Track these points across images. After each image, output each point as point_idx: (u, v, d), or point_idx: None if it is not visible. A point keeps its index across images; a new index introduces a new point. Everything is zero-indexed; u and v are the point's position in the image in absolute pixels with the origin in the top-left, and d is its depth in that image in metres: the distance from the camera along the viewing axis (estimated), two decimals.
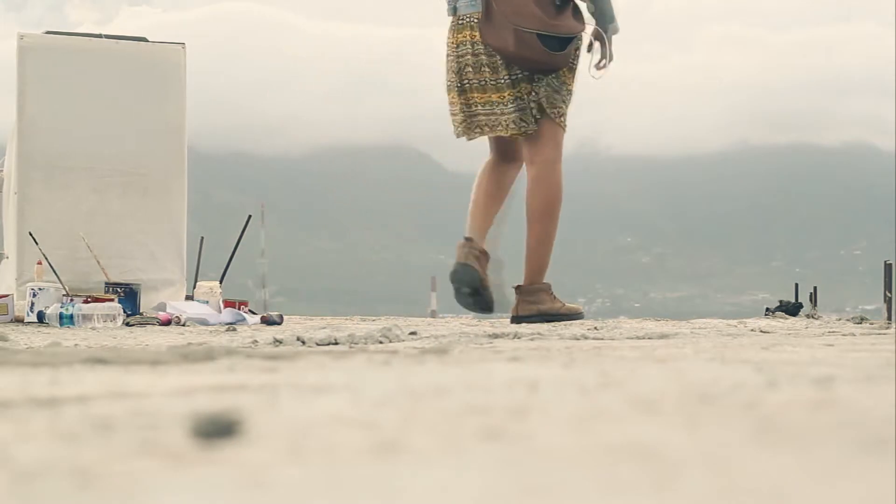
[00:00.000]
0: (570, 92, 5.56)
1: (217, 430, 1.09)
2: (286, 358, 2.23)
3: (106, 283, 6.04)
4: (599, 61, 5.62)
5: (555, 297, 5.56)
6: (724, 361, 2.17)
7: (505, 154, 5.66)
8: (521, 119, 5.51)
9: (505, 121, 5.50)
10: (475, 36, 5.51)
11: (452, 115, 5.64)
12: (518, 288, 5.53)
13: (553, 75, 5.49)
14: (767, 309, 6.29)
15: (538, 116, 5.48)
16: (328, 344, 3.44)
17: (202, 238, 7.13)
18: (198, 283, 6.49)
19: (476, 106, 5.55)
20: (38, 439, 1.12)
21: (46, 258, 6.11)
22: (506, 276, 5.65)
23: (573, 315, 5.51)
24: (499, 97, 5.52)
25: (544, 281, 5.56)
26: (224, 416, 1.11)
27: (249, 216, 7.12)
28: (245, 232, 6.89)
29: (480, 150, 5.78)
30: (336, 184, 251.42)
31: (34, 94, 6.37)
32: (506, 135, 5.53)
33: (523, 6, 5.39)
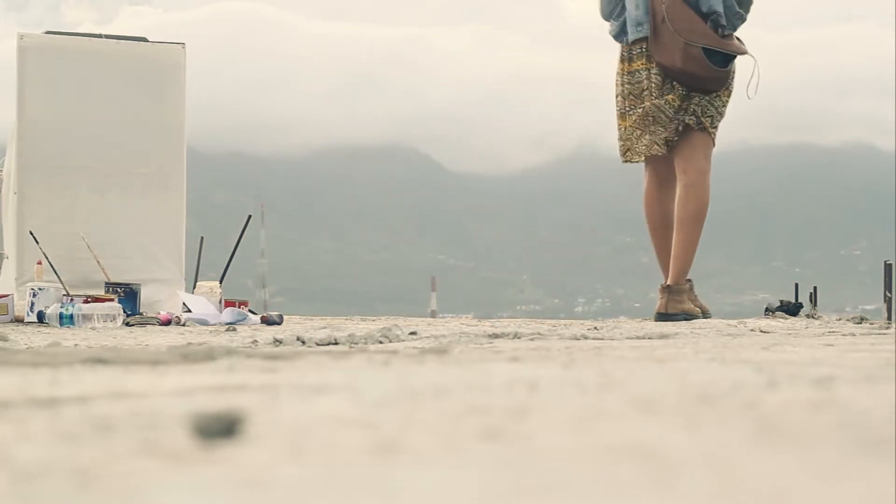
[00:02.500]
0: (722, 112, 6.08)
1: (217, 430, 1.09)
2: (286, 358, 2.23)
3: (106, 283, 6.04)
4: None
5: (692, 297, 6.11)
6: (724, 361, 2.17)
7: (660, 177, 6.18)
8: (661, 141, 6.05)
9: (643, 145, 6.07)
10: (650, 65, 6.04)
11: (620, 139, 6.22)
12: (668, 288, 6.07)
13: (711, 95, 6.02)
14: (767, 308, 6.29)
15: (694, 128, 6.00)
16: (328, 344, 3.44)
17: (202, 238, 7.13)
18: (198, 283, 6.49)
19: (626, 131, 6.15)
20: (38, 439, 1.12)
21: (47, 258, 6.11)
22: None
23: (705, 314, 6.06)
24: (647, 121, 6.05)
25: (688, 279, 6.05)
26: (224, 416, 1.11)
27: (249, 216, 7.12)
28: (245, 232, 6.89)
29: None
30: (336, 184, 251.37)
31: (34, 94, 6.37)
32: (640, 160, 6.13)
33: (696, 24, 5.91)
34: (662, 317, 6.01)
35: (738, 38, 6.07)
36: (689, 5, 5.96)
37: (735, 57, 6.02)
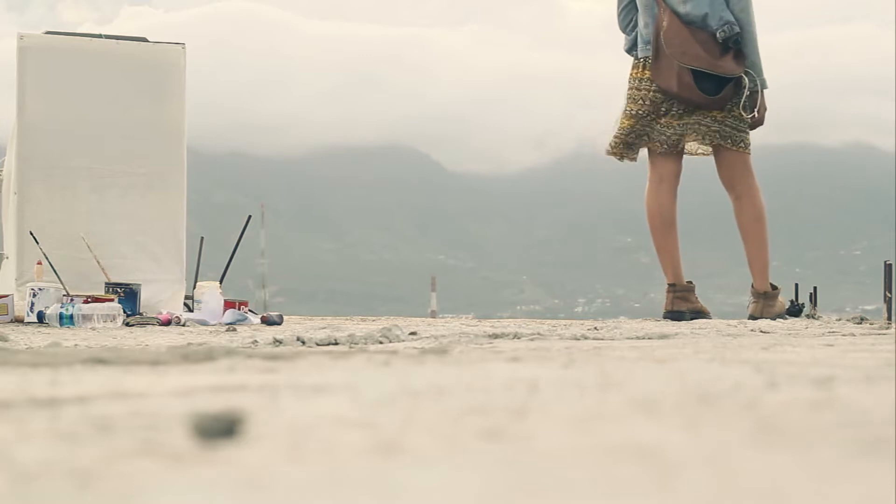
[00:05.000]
0: (743, 121, 6.13)
1: (217, 430, 1.09)
2: (286, 358, 2.23)
3: (106, 283, 6.04)
4: (752, 112, 6.19)
5: (692, 297, 6.24)
6: (724, 361, 2.17)
7: (662, 175, 6.25)
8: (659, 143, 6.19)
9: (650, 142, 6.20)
10: (645, 73, 6.17)
11: (615, 136, 6.31)
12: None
13: (722, 113, 6.10)
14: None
15: (729, 147, 6.13)
16: (328, 344, 3.44)
17: (202, 238, 7.13)
18: (198, 283, 6.49)
19: (628, 130, 6.25)
20: (38, 439, 1.12)
21: (47, 258, 6.11)
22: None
23: (705, 315, 6.16)
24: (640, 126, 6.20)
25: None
26: (224, 416, 1.11)
27: (249, 216, 7.12)
28: (245, 232, 6.89)
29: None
30: (336, 184, 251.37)
31: (34, 94, 6.36)
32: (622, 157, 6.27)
33: (690, 46, 6.00)
34: (672, 315, 6.07)
35: (741, 54, 6.07)
36: (694, 26, 6.02)
37: (731, 80, 6.03)
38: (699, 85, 5.99)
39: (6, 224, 6.64)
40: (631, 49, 6.27)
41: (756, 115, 6.18)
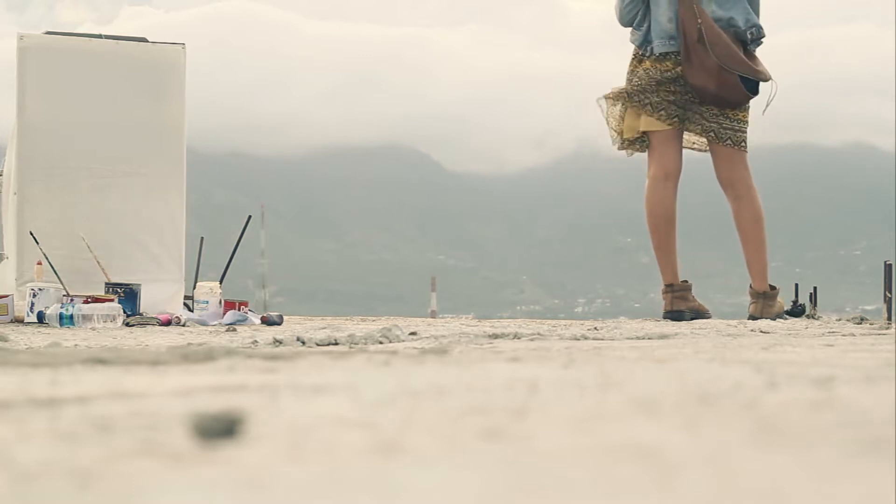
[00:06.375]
0: (745, 121, 6.18)
1: (217, 430, 1.09)
2: (286, 358, 2.23)
3: (106, 284, 6.04)
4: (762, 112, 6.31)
5: (691, 297, 6.26)
6: (724, 361, 2.17)
7: (668, 171, 6.23)
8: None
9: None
10: (671, 68, 6.11)
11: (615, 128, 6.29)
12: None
13: (734, 112, 6.14)
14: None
15: (730, 145, 6.16)
16: (328, 344, 3.44)
17: (202, 238, 7.13)
18: (198, 284, 6.49)
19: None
20: (38, 439, 1.12)
21: (47, 258, 6.11)
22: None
23: (704, 315, 6.18)
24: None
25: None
26: (224, 416, 1.11)
27: (249, 216, 7.12)
28: (245, 232, 6.89)
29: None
30: (336, 184, 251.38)
31: (34, 95, 6.36)
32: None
33: (732, 49, 5.99)
34: (672, 315, 6.07)
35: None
36: (719, 26, 6.01)
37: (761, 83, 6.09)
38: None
39: (6, 224, 6.63)
40: (643, 43, 6.17)
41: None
